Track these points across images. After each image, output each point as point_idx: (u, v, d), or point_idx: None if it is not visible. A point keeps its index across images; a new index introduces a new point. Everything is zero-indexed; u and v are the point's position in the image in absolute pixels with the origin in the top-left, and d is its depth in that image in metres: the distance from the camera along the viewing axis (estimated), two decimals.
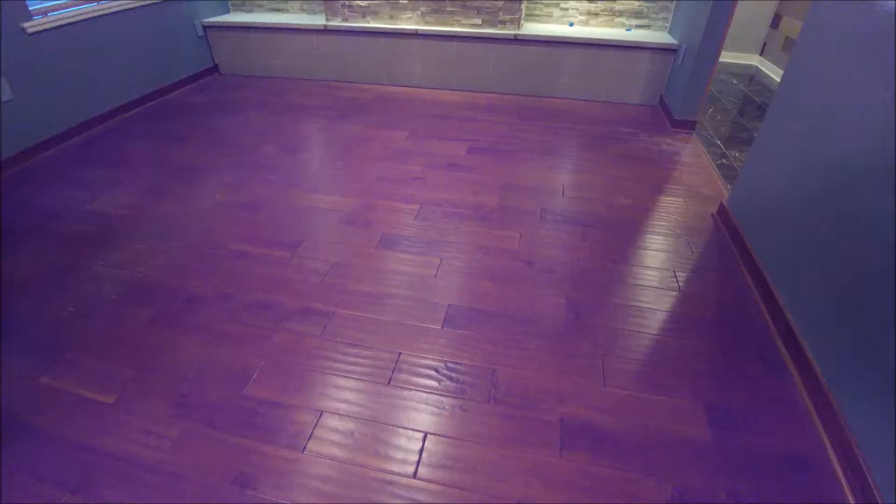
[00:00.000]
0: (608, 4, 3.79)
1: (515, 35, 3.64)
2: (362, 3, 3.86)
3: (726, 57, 4.99)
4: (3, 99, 2.67)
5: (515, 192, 2.53)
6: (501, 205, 2.41)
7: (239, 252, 2.05)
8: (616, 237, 2.18)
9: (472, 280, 1.90)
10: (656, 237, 2.19)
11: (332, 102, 3.75)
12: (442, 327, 1.68)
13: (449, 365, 1.54)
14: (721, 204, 2.32)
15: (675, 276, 1.94)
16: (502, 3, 3.61)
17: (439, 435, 1.33)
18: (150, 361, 1.55)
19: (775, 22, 4.71)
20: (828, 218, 1.48)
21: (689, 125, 3.27)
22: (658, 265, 2.00)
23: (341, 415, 1.38)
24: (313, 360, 1.55)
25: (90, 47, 3.18)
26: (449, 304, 1.78)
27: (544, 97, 3.89)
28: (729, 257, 2.06)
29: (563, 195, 2.51)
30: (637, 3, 3.73)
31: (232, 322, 1.69)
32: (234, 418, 1.37)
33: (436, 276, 1.92)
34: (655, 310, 1.77)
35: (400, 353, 1.58)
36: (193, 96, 3.86)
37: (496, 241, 2.14)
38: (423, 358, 1.56)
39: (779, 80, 4.31)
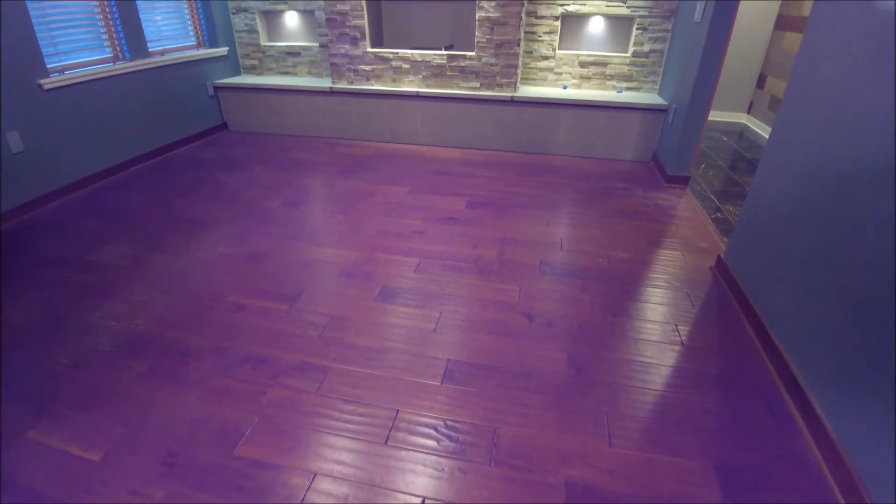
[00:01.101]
0: (599, 69, 4.00)
1: (512, 97, 3.82)
2: (367, 68, 4.08)
3: (715, 115, 5.22)
4: (13, 151, 2.77)
5: (514, 245, 2.55)
6: (500, 258, 2.43)
7: (237, 304, 2.04)
8: (616, 290, 2.18)
9: (472, 334, 1.88)
10: (656, 290, 2.18)
11: (335, 158, 3.87)
12: (441, 383, 1.64)
13: (448, 423, 1.49)
14: (718, 257, 2.34)
15: (677, 330, 1.92)
16: (499, 68, 3.82)
17: (438, 500, 1.27)
18: (141, 417, 1.50)
19: (761, 82, 4.96)
20: (825, 269, 1.49)
21: (682, 181, 3.36)
22: (659, 318, 1.99)
23: (335, 477, 1.32)
24: (308, 417, 1.51)
25: (103, 104, 3.33)
26: (448, 359, 1.75)
27: (541, 154, 4.02)
28: (730, 309, 2.05)
29: (561, 248, 2.53)
30: (626, 68, 3.95)
31: (227, 377, 1.66)
32: (223, 480, 1.30)
33: (435, 329, 1.90)
34: (659, 364, 1.73)
35: (398, 411, 1.53)
36: (201, 152, 4.00)
37: (495, 294, 2.13)
38: (422, 416, 1.52)
39: (766, 136, 4.48)
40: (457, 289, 2.17)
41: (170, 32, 3.97)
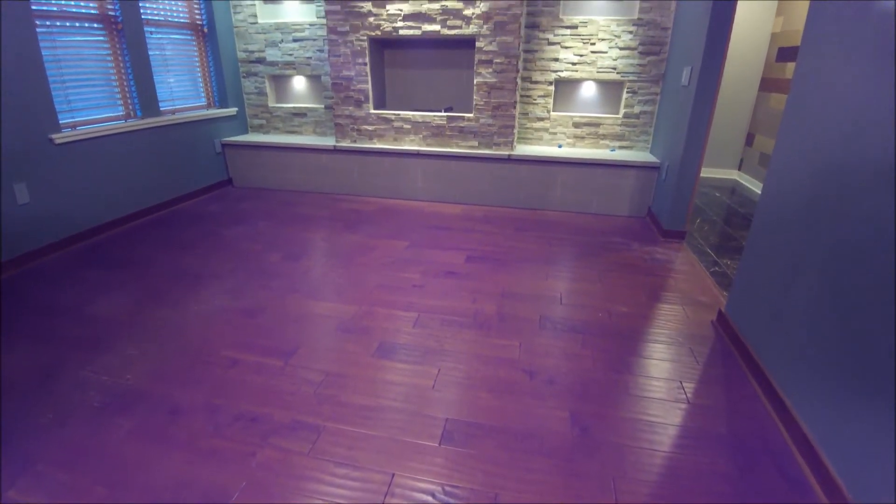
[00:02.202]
0: (592, 129, 4.17)
1: (509, 155, 3.95)
2: (370, 128, 4.25)
3: (707, 172, 5.37)
4: (19, 202, 2.82)
5: (513, 299, 2.54)
6: (500, 312, 2.41)
7: (231, 359, 2.00)
8: (618, 346, 2.14)
9: (472, 392, 1.83)
10: (658, 346, 2.15)
11: (336, 214, 3.94)
12: (440, 444, 1.58)
13: (447, 489, 1.41)
14: (719, 311, 2.32)
15: (682, 387, 1.87)
16: (496, 128, 3.98)
17: None
18: (125, 479, 1.42)
19: (749, 140, 5.14)
20: (827, 322, 1.48)
21: (678, 235, 3.40)
22: (664, 375, 1.94)
23: None
24: (298, 481, 1.43)
25: (112, 159, 3.43)
26: (447, 419, 1.69)
27: (538, 210, 4.10)
28: (734, 365, 2.01)
29: (561, 303, 2.52)
30: (619, 128, 4.11)
31: (216, 436, 1.59)
32: None
33: (433, 386, 1.85)
34: (665, 424, 1.67)
35: (393, 475, 1.46)
36: (205, 206, 4.07)
37: (495, 350, 2.10)
38: (419, 480, 1.44)
39: (758, 192, 4.59)
40: (456, 344, 2.13)
41: (182, 93, 4.17)
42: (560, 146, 4.26)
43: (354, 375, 1.91)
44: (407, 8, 3.80)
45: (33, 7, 2.83)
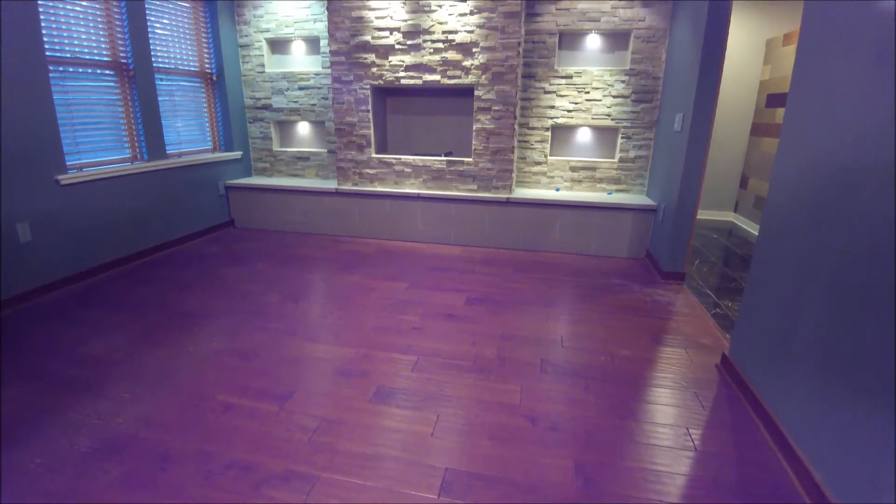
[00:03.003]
0: (589, 173, 4.26)
1: (508, 198, 4.02)
2: (371, 172, 4.34)
3: (703, 214, 5.43)
4: (21, 241, 2.83)
5: (514, 342, 2.51)
6: (500, 355, 2.37)
7: (226, 404, 1.95)
8: (621, 390, 2.10)
9: (472, 439, 1.77)
10: (663, 390, 2.10)
11: (336, 255, 3.96)
12: (438, 496, 1.51)
13: None
14: (723, 354, 2.29)
15: (689, 434, 1.81)
16: (495, 172, 4.06)
17: None
18: None
19: (744, 183, 5.23)
20: (832, 365, 1.45)
21: (678, 277, 3.40)
22: (669, 421, 1.89)
23: None
24: None
25: (116, 200, 3.48)
26: (446, 468, 1.63)
27: (537, 251, 4.12)
28: (741, 410, 1.96)
29: (562, 345, 2.48)
30: (615, 172, 4.20)
31: (206, 485, 1.53)
32: None
33: (432, 434, 1.80)
34: (673, 473, 1.61)
35: None
36: (207, 247, 4.09)
37: (496, 395, 2.05)
38: None
39: (754, 233, 4.63)
40: (456, 389, 2.09)
41: (188, 137, 4.28)
42: (558, 189, 4.33)
43: (351, 422, 1.86)
44: (409, 59, 3.97)
45: (47, 53, 2.95)
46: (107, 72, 3.40)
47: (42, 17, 2.89)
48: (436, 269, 3.65)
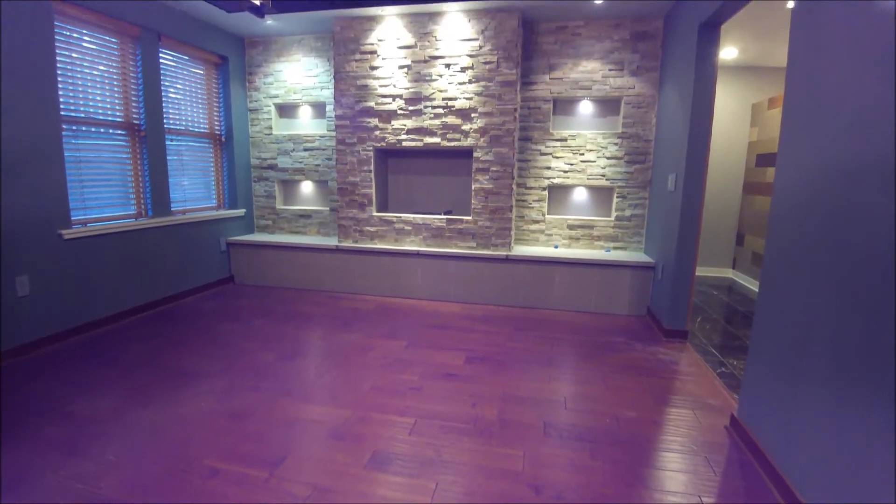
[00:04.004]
0: (586, 231, 4.32)
1: (507, 256, 4.05)
2: (372, 229, 4.40)
3: (702, 271, 5.45)
4: (19, 294, 2.81)
5: (515, 404, 2.43)
6: (501, 418, 2.28)
7: (212, 469, 1.85)
8: (629, 455, 2.00)
9: None
10: (672, 455, 2.01)
11: (335, 312, 3.92)
12: None
13: None
14: (732, 415, 2.21)
15: (702, 503, 1.71)
16: (494, 230, 4.12)
17: None
18: None
19: (740, 240, 5.29)
20: (842, 425, 1.39)
21: (680, 335, 3.35)
22: (681, 489, 1.79)
23: None
24: None
25: (118, 255, 3.50)
26: None
27: (537, 309, 4.09)
28: (754, 475, 1.86)
29: (565, 407, 2.40)
30: (612, 230, 4.26)
31: None
32: None
33: None
34: None
35: None
36: (204, 303, 4.06)
37: (497, 460, 1.96)
38: None
39: (754, 289, 4.62)
40: (455, 454, 1.99)
41: (194, 194, 4.38)
42: (556, 247, 4.37)
43: (344, 490, 1.76)
44: (410, 124, 4.15)
45: (62, 113, 3.08)
46: (119, 132, 3.53)
47: (60, 78, 3.05)
48: (435, 326, 3.61)
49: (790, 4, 1.99)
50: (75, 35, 3.18)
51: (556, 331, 3.55)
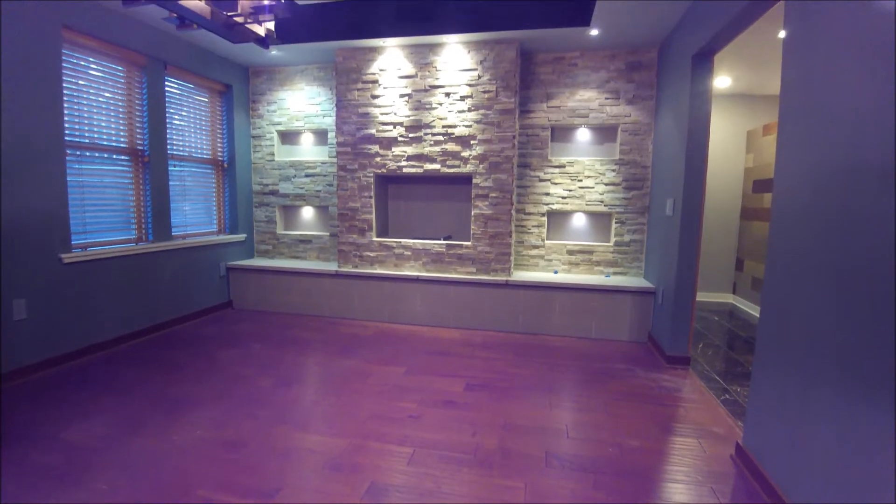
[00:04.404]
0: (586, 256, 4.32)
1: (507, 281, 4.04)
2: (371, 254, 4.41)
3: (703, 296, 5.43)
4: (15, 317, 2.79)
5: (516, 432, 2.38)
6: (502, 447, 2.24)
7: (206, 501, 1.80)
8: (633, 486, 1.95)
9: None
10: (677, 485, 1.96)
11: (334, 338, 3.89)
12: None
13: None
14: (737, 444, 2.17)
15: None
16: (493, 255, 4.13)
17: None
18: None
19: (739, 265, 5.29)
20: (851, 447, 1.36)
21: (682, 361, 3.32)
22: None
23: None
24: None
25: (117, 280, 3.49)
26: None
27: (538, 335, 4.06)
28: None
29: (567, 436, 2.36)
30: (611, 255, 4.27)
31: None
32: None
33: None
34: None
35: None
36: (203, 328, 4.02)
37: (499, 492, 1.91)
38: None
39: (756, 314, 4.59)
40: (455, 485, 1.94)
41: (195, 219, 4.40)
42: (556, 272, 4.37)
43: None
44: (410, 150, 4.21)
45: (66, 138, 3.12)
46: (122, 157, 3.58)
47: (66, 104, 3.10)
48: (435, 352, 3.57)
49: (781, 34, 2.05)
50: (83, 63, 3.25)
51: (556, 357, 3.51)
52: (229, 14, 1.65)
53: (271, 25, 1.77)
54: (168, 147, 3.94)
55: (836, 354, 1.49)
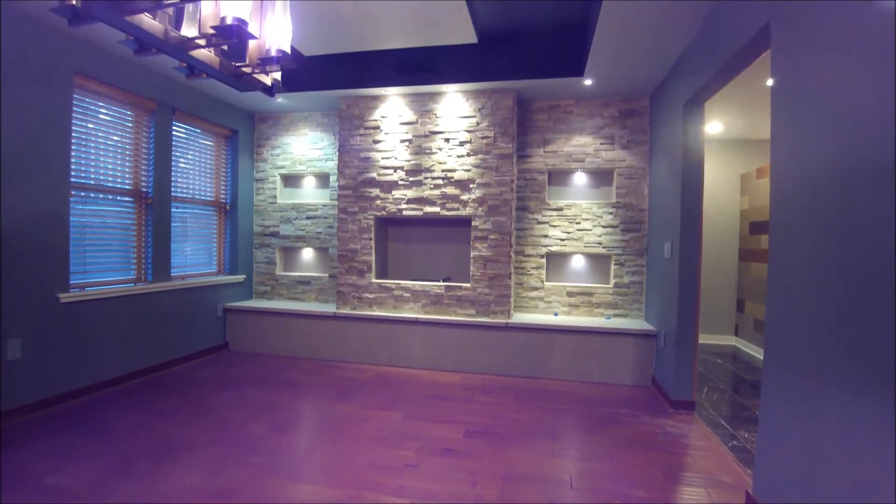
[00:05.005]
0: (586, 298, 4.31)
1: (507, 323, 4.01)
2: (370, 296, 4.39)
3: (705, 338, 5.36)
4: (9, 358, 2.75)
5: (518, 483, 2.29)
6: (503, 499, 2.15)
7: None
8: None
9: None
10: None
11: (331, 381, 3.81)
12: None
13: None
14: (747, 493, 2.08)
15: None
16: (493, 297, 4.11)
17: None
18: None
19: (740, 307, 5.26)
20: (870, 496, 1.30)
21: (687, 406, 3.24)
22: None
23: None
24: None
25: (113, 321, 3.46)
26: None
27: (539, 378, 3.98)
28: None
29: (571, 486, 2.26)
30: (611, 297, 4.25)
31: None
32: None
33: None
34: None
35: None
36: (198, 370, 3.95)
37: None
38: None
39: (759, 357, 4.52)
40: None
41: (195, 260, 4.41)
42: (556, 314, 4.34)
43: None
44: (410, 194, 4.28)
45: (72, 179, 3.17)
46: (126, 198, 3.63)
47: (73, 147, 3.17)
48: (434, 397, 3.49)
49: (769, 82, 2.14)
50: (93, 107, 3.36)
51: (558, 402, 3.43)
52: (238, 65, 1.72)
53: (278, 75, 1.85)
54: (172, 189, 4.01)
55: (845, 402, 1.46)
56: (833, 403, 1.51)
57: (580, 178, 4.39)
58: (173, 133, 4.02)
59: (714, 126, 4.83)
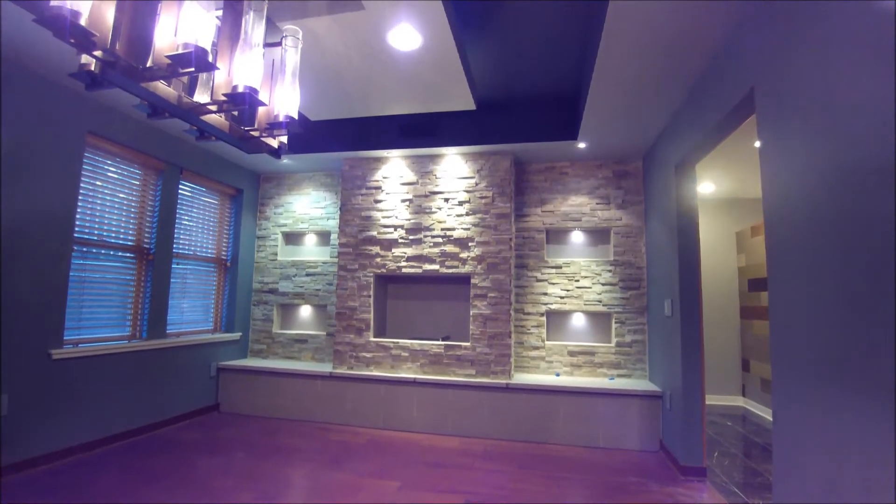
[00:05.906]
0: (588, 357, 4.22)
1: (507, 384, 3.90)
2: (368, 355, 4.30)
3: (713, 399, 5.20)
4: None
5: None
6: None
7: None
8: None
9: None
10: None
11: (323, 446, 3.64)
12: None
13: None
14: None
15: None
16: (493, 357, 4.04)
17: None
18: None
19: (745, 366, 5.14)
20: None
21: (698, 472, 3.08)
22: None
23: None
24: None
25: (103, 379, 3.36)
26: None
27: (542, 443, 3.82)
28: None
29: None
30: (613, 356, 4.17)
31: None
32: None
33: None
34: None
35: None
36: (186, 432, 3.78)
37: None
38: None
39: (768, 417, 4.35)
40: None
41: (191, 317, 4.36)
42: (557, 374, 4.24)
43: None
44: (410, 251, 4.32)
45: (76, 235, 3.19)
46: (128, 254, 3.64)
47: (80, 203, 3.23)
48: (432, 464, 3.32)
49: (757, 144, 2.23)
50: (102, 165, 3.46)
51: (563, 469, 3.26)
52: (246, 129, 1.80)
53: (284, 138, 1.92)
54: (174, 246, 4.04)
55: (865, 464, 1.40)
56: (849, 471, 1.44)
57: (577, 237, 4.45)
58: (179, 191, 4.11)
59: (706, 186, 4.97)
